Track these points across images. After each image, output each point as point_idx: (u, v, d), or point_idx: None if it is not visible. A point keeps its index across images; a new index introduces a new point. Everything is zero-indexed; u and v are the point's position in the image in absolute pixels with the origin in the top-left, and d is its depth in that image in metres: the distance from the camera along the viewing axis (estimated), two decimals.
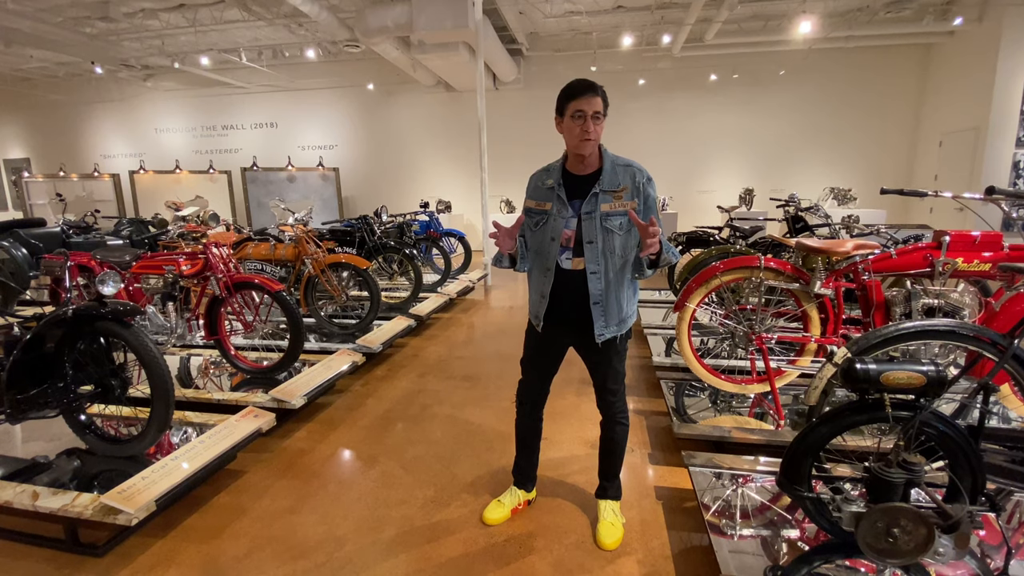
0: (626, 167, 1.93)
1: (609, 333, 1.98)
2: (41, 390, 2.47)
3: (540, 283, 2.01)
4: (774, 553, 1.89)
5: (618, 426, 2.17)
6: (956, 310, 2.62)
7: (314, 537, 2.23)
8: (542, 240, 1.98)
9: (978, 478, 1.68)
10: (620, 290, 1.96)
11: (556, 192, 1.95)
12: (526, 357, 2.22)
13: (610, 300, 1.95)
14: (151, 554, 2.14)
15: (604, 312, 1.96)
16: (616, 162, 1.94)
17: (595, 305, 1.95)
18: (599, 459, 2.27)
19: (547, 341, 2.11)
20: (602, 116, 1.85)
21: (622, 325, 2.01)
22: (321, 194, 11.28)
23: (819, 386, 2.14)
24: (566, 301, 1.99)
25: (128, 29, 8.79)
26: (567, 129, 1.88)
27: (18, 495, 2.19)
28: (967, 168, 8.06)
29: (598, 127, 1.85)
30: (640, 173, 1.92)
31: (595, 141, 1.87)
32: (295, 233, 4.75)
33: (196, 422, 2.88)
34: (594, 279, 1.93)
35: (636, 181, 1.90)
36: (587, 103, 1.82)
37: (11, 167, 13.22)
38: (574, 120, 1.85)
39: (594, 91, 1.83)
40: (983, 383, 1.76)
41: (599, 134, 1.87)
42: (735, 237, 5.19)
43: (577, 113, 1.83)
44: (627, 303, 2.01)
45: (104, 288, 2.65)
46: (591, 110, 1.82)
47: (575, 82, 1.86)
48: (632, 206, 1.88)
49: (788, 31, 8.52)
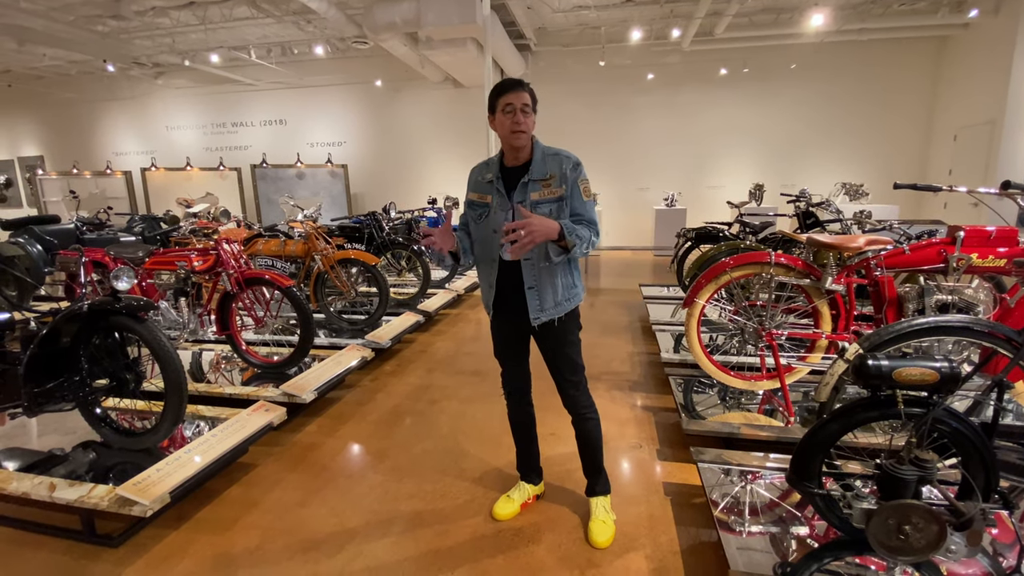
0: (555, 156, 1.99)
1: (545, 316, 2.03)
2: (57, 384, 2.52)
3: (487, 273, 2.10)
4: (783, 550, 1.89)
5: (587, 421, 2.19)
6: (970, 306, 2.59)
7: (324, 529, 2.26)
8: (485, 233, 2.06)
9: (991, 475, 1.67)
10: (555, 275, 2.02)
11: (495, 186, 2.02)
12: (495, 348, 2.28)
13: (544, 285, 2.01)
14: (165, 545, 2.18)
15: (539, 296, 2.02)
16: (546, 152, 2.00)
17: (529, 290, 2.01)
18: (580, 457, 2.29)
19: (503, 328, 2.19)
20: (531, 110, 1.94)
21: (558, 308, 2.05)
22: (330, 191, 11.33)
23: (830, 382, 2.12)
24: (510, 289, 2.06)
25: (139, 27, 8.87)
26: (499, 124, 1.95)
27: (36, 486, 2.24)
28: (982, 163, 7.93)
29: (528, 119, 1.92)
30: (567, 160, 1.98)
31: (527, 133, 1.94)
32: (305, 229, 4.79)
33: (208, 416, 2.92)
34: (527, 265, 2.00)
35: (563, 168, 1.96)
36: (515, 97, 1.90)
37: (25, 165, 13.41)
38: (505, 114, 1.92)
39: (521, 87, 1.92)
40: (997, 380, 1.74)
41: (530, 126, 1.94)
42: (745, 233, 5.16)
43: (507, 107, 1.91)
44: (563, 288, 2.05)
45: (118, 284, 2.69)
46: (520, 103, 1.90)
47: (503, 80, 1.95)
48: (560, 193, 1.95)
49: (799, 24, 8.42)
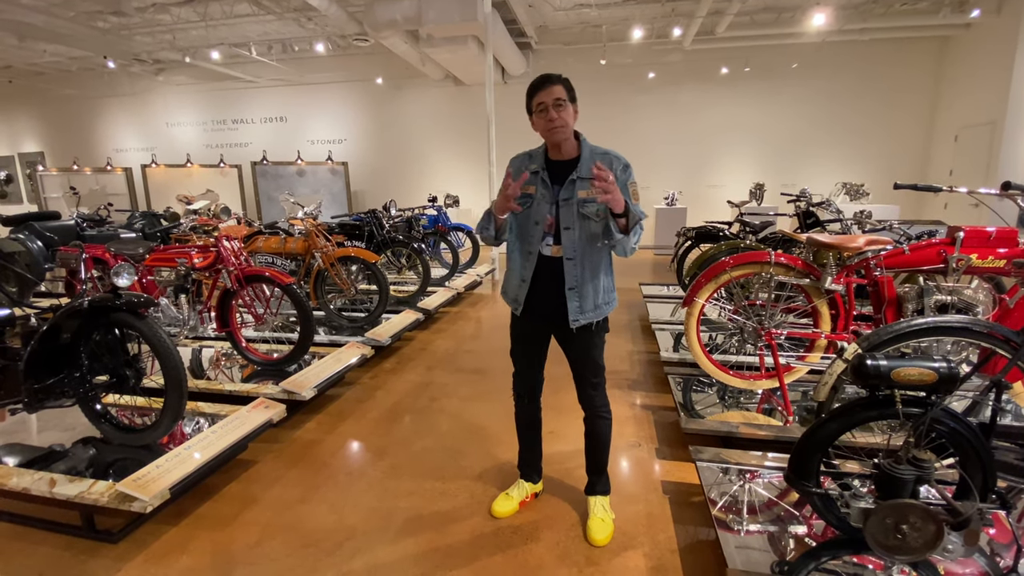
0: (603, 155, 1.96)
1: (584, 319, 2.00)
2: (58, 380, 2.52)
3: (521, 267, 2.04)
4: (781, 549, 1.89)
5: (601, 420, 2.18)
6: (969, 307, 2.59)
7: (324, 526, 2.26)
8: (526, 223, 2.02)
9: (989, 475, 1.67)
10: (597, 277, 2.00)
11: (541, 176, 1.98)
12: (513, 347, 2.25)
13: (585, 286, 1.98)
14: (165, 541, 2.19)
15: (579, 297, 1.99)
16: (595, 151, 1.97)
17: (570, 291, 1.98)
18: (585, 455, 2.28)
19: (528, 327, 2.15)
20: (566, 101, 1.88)
21: (597, 312, 2.02)
22: (330, 188, 11.33)
23: (829, 382, 2.13)
24: (545, 287, 2.02)
25: (140, 24, 8.86)
26: (537, 124, 1.95)
27: (36, 482, 2.24)
28: (983, 163, 7.93)
29: (562, 113, 1.87)
30: (617, 161, 1.95)
31: (564, 127, 1.90)
32: (305, 227, 4.78)
33: (208, 412, 2.92)
34: (570, 265, 1.96)
35: (612, 169, 1.92)
36: (546, 94, 1.87)
37: (26, 161, 13.40)
38: (539, 114, 1.90)
39: (550, 81, 1.88)
40: (995, 380, 1.75)
41: (566, 118, 1.89)
42: (745, 232, 5.16)
43: (539, 106, 1.89)
44: (604, 291, 2.03)
45: (119, 280, 2.69)
46: (551, 99, 1.86)
47: (533, 80, 1.91)
48: None
49: (801, 23, 8.40)
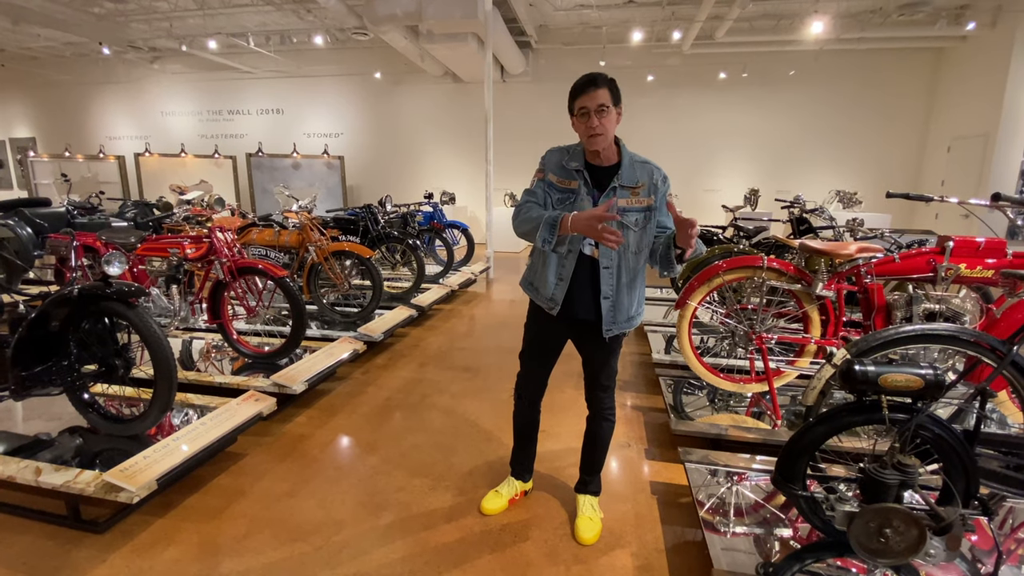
0: (643, 164, 1.92)
1: (616, 330, 1.98)
2: (45, 368, 2.49)
3: (560, 265, 1.96)
4: (766, 550, 1.91)
5: (605, 422, 2.19)
6: (957, 315, 2.63)
7: (312, 520, 2.26)
8: None
9: (972, 482, 1.70)
10: (632, 288, 1.96)
11: (584, 175, 1.90)
12: (526, 349, 2.21)
13: (621, 297, 1.94)
14: (151, 532, 2.17)
15: (614, 308, 1.95)
16: (634, 159, 1.92)
17: (605, 300, 1.93)
18: (582, 453, 2.29)
19: (556, 329, 2.09)
20: (610, 107, 1.79)
21: (629, 323, 2.00)
22: (326, 182, 11.27)
23: (817, 386, 2.15)
24: (582, 289, 1.96)
25: (136, 10, 8.77)
26: (577, 127, 1.87)
27: (21, 470, 2.22)
28: (975, 174, 8.02)
29: (604, 120, 1.79)
30: (657, 172, 1.91)
31: (604, 135, 1.82)
32: (299, 220, 4.76)
33: (197, 404, 2.91)
34: (606, 274, 1.92)
35: (653, 179, 1.89)
36: (589, 99, 1.79)
37: (17, 146, 13.23)
38: (580, 118, 1.83)
39: (595, 84, 1.78)
40: (980, 388, 1.77)
41: (607, 127, 1.81)
42: (739, 237, 5.18)
43: (581, 111, 1.81)
44: (637, 302, 2.01)
45: (109, 269, 2.67)
46: (594, 104, 1.78)
47: (579, 79, 1.83)
48: (648, 203, 1.88)
49: (799, 31, 8.46)
